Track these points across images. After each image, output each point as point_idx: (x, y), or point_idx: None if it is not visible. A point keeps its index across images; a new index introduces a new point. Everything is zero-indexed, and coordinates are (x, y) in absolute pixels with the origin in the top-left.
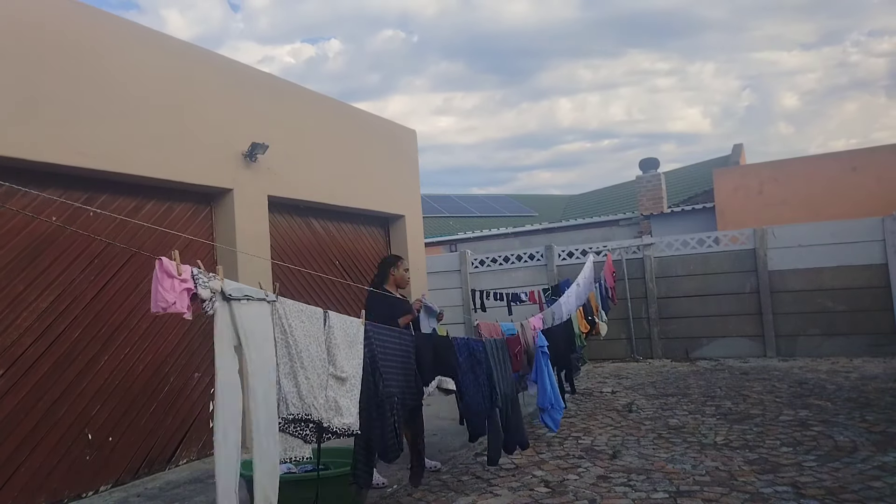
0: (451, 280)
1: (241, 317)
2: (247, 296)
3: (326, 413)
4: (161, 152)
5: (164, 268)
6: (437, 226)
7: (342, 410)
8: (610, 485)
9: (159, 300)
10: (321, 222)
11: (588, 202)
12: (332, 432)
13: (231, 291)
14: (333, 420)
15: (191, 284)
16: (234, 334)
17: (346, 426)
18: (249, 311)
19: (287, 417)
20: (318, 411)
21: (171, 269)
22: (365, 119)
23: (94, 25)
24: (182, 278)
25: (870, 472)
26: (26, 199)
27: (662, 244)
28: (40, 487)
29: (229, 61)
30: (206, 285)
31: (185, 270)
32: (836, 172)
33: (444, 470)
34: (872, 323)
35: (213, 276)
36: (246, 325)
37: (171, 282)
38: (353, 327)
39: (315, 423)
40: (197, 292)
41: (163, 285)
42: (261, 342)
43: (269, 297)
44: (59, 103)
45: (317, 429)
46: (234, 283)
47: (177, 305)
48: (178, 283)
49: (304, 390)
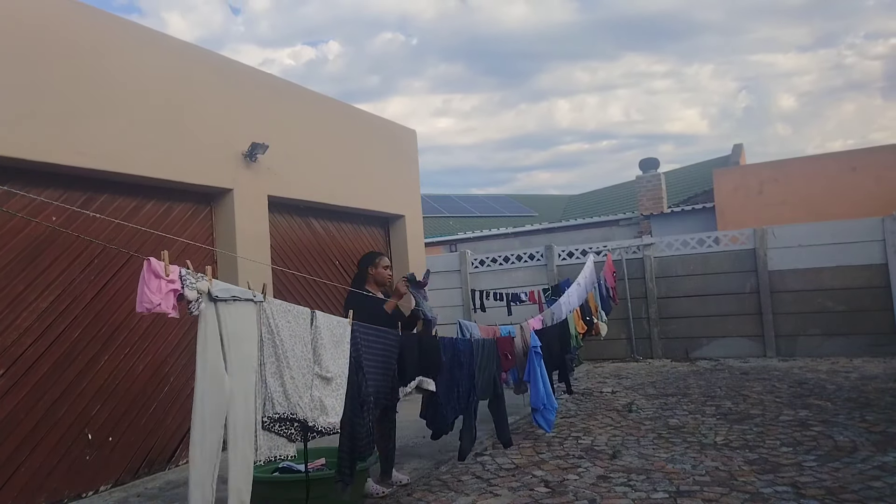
0: (451, 280)
1: (225, 318)
2: (234, 296)
3: (311, 412)
4: (161, 152)
5: (151, 268)
6: (437, 226)
7: (327, 410)
8: (610, 485)
9: (144, 301)
10: (321, 222)
11: (588, 202)
12: (318, 431)
13: (218, 293)
14: (319, 419)
15: (178, 285)
16: (217, 335)
17: (331, 425)
18: (235, 312)
19: (273, 416)
20: (303, 410)
21: (159, 270)
22: (365, 119)
23: (94, 25)
24: (169, 279)
25: (870, 472)
26: (26, 199)
27: (662, 244)
28: (40, 487)
29: (229, 61)
30: (192, 286)
31: (174, 271)
32: (836, 172)
33: (444, 471)
34: (872, 323)
35: (202, 277)
36: (230, 326)
37: (158, 282)
38: (340, 327)
39: (300, 422)
40: (183, 293)
41: (149, 286)
42: (243, 343)
43: (257, 297)
44: (58, 103)
45: (301, 428)
46: (223, 284)
47: (162, 306)
48: (164, 283)
49: (290, 389)
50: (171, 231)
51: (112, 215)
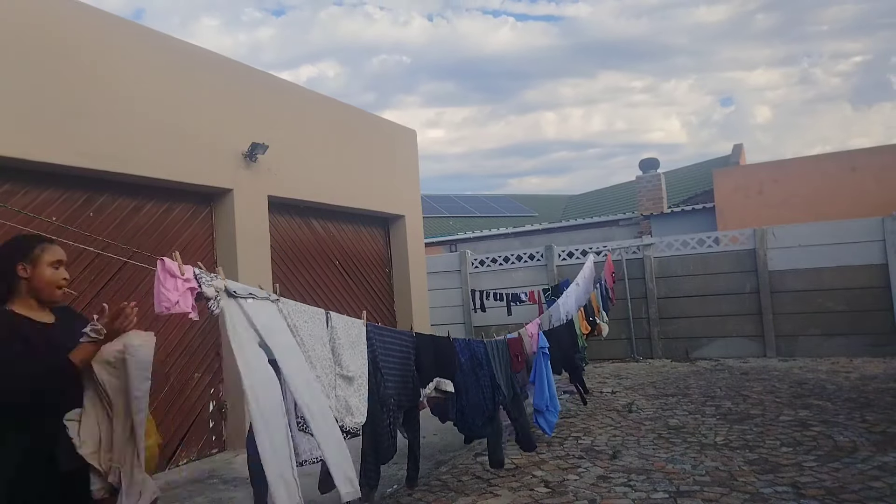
0: (451, 280)
1: (252, 312)
2: (251, 294)
3: (339, 413)
4: (161, 152)
5: (166, 268)
6: (437, 226)
7: (352, 410)
8: (610, 485)
9: (163, 300)
10: (321, 222)
11: (588, 202)
12: (346, 431)
13: (235, 290)
14: (346, 419)
15: (194, 284)
16: (250, 327)
17: (356, 425)
18: (258, 308)
19: (304, 417)
20: (332, 411)
21: (174, 269)
22: (365, 119)
23: (95, 26)
24: (185, 278)
25: (870, 472)
26: (26, 199)
27: (662, 244)
28: None
29: (229, 61)
30: (209, 284)
31: (188, 270)
32: (836, 172)
33: (444, 471)
34: (872, 323)
35: (216, 276)
36: (261, 319)
37: (175, 281)
38: (354, 328)
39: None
40: (202, 290)
41: (165, 285)
42: (278, 335)
43: (272, 297)
44: (59, 103)
45: None
46: (237, 283)
47: (180, 305)
48: (181, 282)
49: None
50: (171, 231)
51: (112, 215)
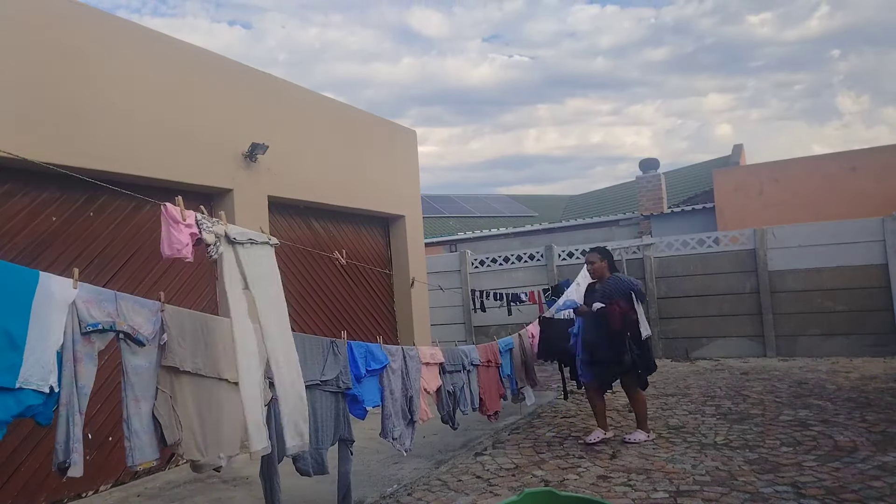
0: (451, 280)
1: (246, 260)
2: (251, 239)
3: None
4: (161, 152)
5: (169, 213)
6: (437, 226)
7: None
8: (610, 485)
9: (173, 242)
10: (321, 222)
11: (588, 202)
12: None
13: (235, 235)
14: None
15: (195, 229)
16: (241, 277)
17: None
18: (254, 254)
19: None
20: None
21: (176, 215)
22: (365, 119)
23: (95, 26)
24: (187, 223)
25: (870, 472)
26: (26, 199)
27: (662, 244)
28: (40, 487)
29: (229, 61)
30: (209, 230)
31: (189, 216)
32: (836, 172)
33: (444, 471)
34: (872, 323)
35: (217, 221)
36: (252, 268)
37: (178, 226)
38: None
39: None
40: (202, 237)
41: (175, 229)
42: (268, 286)
43: (272, 241)
44: (59, 103)
45: None
46: (238, 228)
47: (189, 248)
48: (183, 227)
49: None
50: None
51: (112, 215)
